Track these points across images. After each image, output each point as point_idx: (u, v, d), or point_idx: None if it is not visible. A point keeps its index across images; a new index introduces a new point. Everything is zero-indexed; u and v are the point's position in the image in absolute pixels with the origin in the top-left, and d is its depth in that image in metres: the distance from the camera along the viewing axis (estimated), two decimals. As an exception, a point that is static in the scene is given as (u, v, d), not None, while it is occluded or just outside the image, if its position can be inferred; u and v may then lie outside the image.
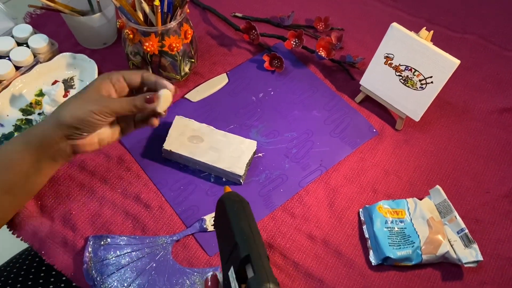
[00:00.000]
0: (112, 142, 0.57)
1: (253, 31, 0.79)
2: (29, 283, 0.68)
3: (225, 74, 0.78)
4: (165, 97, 0.53)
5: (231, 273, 0.41)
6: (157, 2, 0.62)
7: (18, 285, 0.67)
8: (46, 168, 0.54)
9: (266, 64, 0.78)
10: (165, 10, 0.65)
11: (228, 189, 0.48)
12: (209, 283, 0.44)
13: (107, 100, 0.52)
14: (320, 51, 0.77)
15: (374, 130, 0.72)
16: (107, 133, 0.55)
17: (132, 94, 0.56)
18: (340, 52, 0.82)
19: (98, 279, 0.56)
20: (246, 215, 0.44)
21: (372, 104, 0.75)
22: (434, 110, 0.74)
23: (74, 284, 0.67)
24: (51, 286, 0.67)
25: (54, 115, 0.52)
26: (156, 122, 0.56)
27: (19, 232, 0.60)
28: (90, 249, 0.58)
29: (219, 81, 0.76)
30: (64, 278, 0.68)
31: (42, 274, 0.68)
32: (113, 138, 0.56)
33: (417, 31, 0.65)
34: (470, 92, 0.78)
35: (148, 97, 0.52)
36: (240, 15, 0.86)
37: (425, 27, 0.65)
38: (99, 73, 0.73)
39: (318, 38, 0.81)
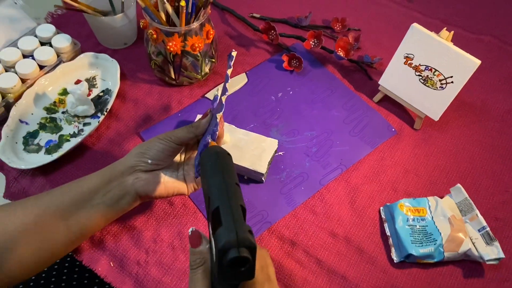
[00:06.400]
0: (178, 193, 0.56)
1: (272, 31, 0.80)
2: (54, 272, 0.69)
3: (244, 74, 0.78)
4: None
5: (209, 229, 0.40)
6: (183, 3, 0.63)
7: (43, 275, 0.68)
8: (100, 207, 0.53)
9: (285, 64, 0.79)
10: (189, 11, 0.66)
11: (213, 143, 0.48)
12: (191, 237, 0.44)
13: (171, 131, 0.56)
14: (339, 51, 0.78)
15: (393, 130, 0.73)
16: (172, 180, 0.56)
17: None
18: (357, 52, 0.83)
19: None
20: (222, 168, 0.42)
21: (390, 103, 0.76)
22: (452, 110, 0.75)
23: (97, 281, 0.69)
24: (75, 276, 0.68)
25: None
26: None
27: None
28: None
29: (239, 81, 0.77)
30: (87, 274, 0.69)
31: (66, 264, 0.69)
32: (180, 186, 0.56)
33: (432, 31, 0.66)
34: (487, 92, 0.79)
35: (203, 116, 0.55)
36: (257, 15, 0.87)
37: (445, 28, 0.66)
38: (121, 73, 0.74)
39: (336, 38, 0.82)
